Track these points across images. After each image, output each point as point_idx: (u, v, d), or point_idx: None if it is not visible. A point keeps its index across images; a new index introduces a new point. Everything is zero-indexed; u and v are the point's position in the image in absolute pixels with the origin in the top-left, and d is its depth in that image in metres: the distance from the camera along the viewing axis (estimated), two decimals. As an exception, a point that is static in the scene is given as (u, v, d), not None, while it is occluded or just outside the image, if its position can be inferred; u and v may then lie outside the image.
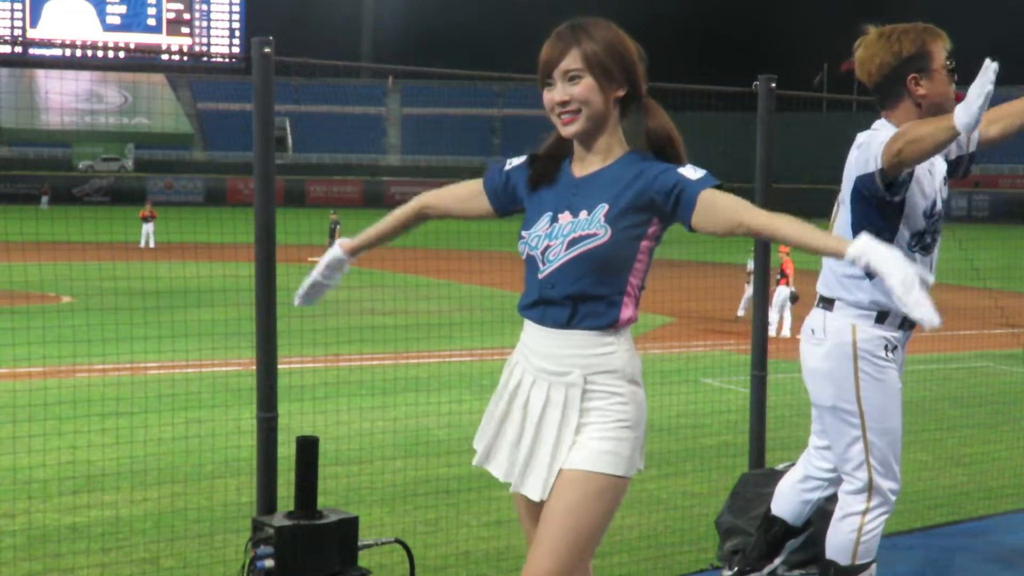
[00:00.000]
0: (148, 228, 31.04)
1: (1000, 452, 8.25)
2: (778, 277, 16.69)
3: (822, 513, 5.24)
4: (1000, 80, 4.14)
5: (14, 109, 65.21)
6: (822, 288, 4.17)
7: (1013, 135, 4.20)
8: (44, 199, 52.60)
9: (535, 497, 2.99)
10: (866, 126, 4.24)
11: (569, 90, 2.93)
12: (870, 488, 4.16)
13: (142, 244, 30.30)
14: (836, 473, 4.44)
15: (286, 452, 4.52)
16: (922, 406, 10.24)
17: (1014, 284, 19.16)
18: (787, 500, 4.57)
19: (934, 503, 6.83)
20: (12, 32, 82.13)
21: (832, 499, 5.16)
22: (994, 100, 3.93)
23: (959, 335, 15.01)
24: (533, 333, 3.04)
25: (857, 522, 4.19)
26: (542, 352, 3.01)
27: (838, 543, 4.23)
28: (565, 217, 2.97)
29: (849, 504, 4.20)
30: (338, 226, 25.07)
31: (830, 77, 74.36)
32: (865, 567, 4.23)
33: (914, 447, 8.50)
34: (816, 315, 4.16)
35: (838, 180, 4.26)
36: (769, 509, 4.65)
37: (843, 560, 4.21)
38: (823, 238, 2.80)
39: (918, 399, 10.62)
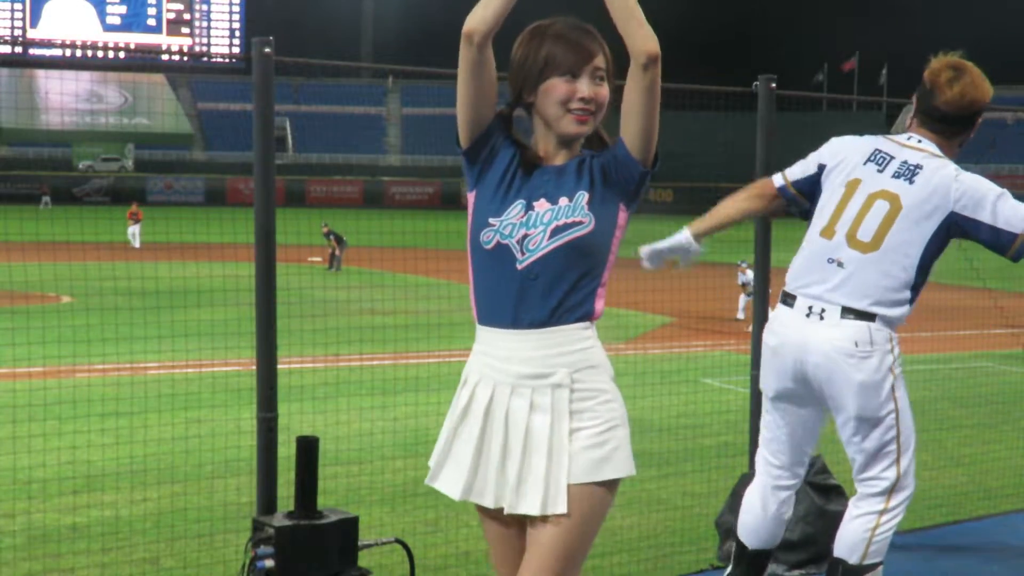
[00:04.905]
0: (134, 229, 31.11)
1: (1000, 452, 8.25)
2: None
3: (820, 513, 5.26)
4: (995, 80, 4.17)
5: (14, 109, 65.14)
6: (856, 301, 4.04)
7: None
8: (45, 199, 52.51)
9: (536, 512, 2.88)
10: (866, 126, 4.33)
11: (595, 89, 2.89)
12: (892, 489, 4.17)
13: (131, 242, 30.26)
14: (798, 480, 4.43)
15: (286, 452, 4.52)
16: (922, 406, 10.24)
17: (1014, 284, 19.14)
18: (767, 532, 4.47)
19: (934, 503, 6.83)
20: (12, 32, 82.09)
21: (831, 500, 5.18)
22: (991, 99, 4.07)
23: (959, 335, 15.02)
24: (504, 340, 2.92)
25: (873, 521, 4.18)
26: (519, 357, 2.90)
27: (850, 541, 4.21)
28: (542, 205, 2.90)
29: (868, 504, 4.19)
30: (332, 235, 24.90)
31: (830, 77, 74.48)
32: (873, 567, 4.22)
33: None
34: (859, 328, 4.04)
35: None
36: (746, 548, 4.50)
37: (853, 559, 4.19)
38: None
39: (918, 399, 10.57)
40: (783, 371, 4.18)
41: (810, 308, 4.10)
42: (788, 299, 4.19)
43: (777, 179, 4.43)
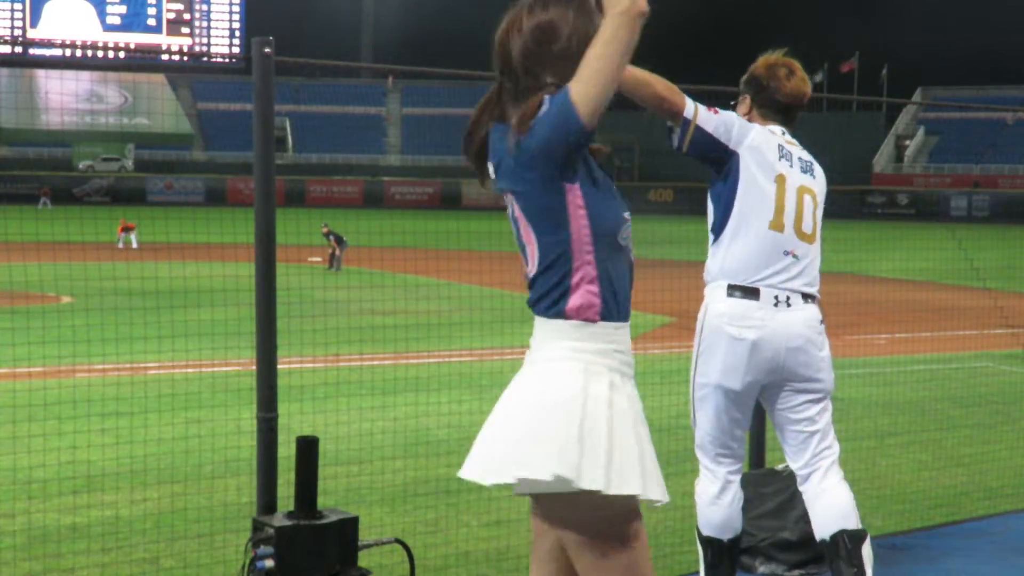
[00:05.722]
0: (127, 234, 31.16)
1: (1000, 452, 8.25)
2: None
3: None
4: (995, 80, 4.25)
5: (14, 109, 65.13)
6: (810, 287, 4.36)
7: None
8: (44, 199, 52.39)
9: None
10: (867, 126, 4.44)
11: None
12: (838, 454, 4.50)
13: (120, 245, 30.28)
14: (742, 460, 4.62)
15: (286, 452, 4.51)
16: (922, 406, 10.24)
17: (1014, 284, 19.13)
18: (736, 520, 4.57)
19: (934, 503, 6.83)
20: (12, 32, 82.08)
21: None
22: (986, 101, 4.21)
23: (959, 335, 15.01)
24: (628, 336, 2.91)
25: (847, 486, 4.44)
26: (629, 349, 2.93)
27: (842, 510, 4.36)
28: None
29: (835, 473, 4.43)
30: (332, 235, 24.97)
31: (830, 77, 74.46)
32: (866, 531, 4.43)
33: (914, 447, 8.51)
34: (816, 309, 4.38)
35: (835, 180, 4.39)
36: (722, 542, 4.57)
37: (853, 524, 4.35)
38: None
39: (918, 399, 10.61)
40: (760, 364, 4.28)
41: (776, 298, 4.26)
42: (749, 292, 4.27)
43: (688, 109, 4.23)
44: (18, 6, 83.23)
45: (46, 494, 6.60)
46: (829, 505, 4.37)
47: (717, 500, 4.52)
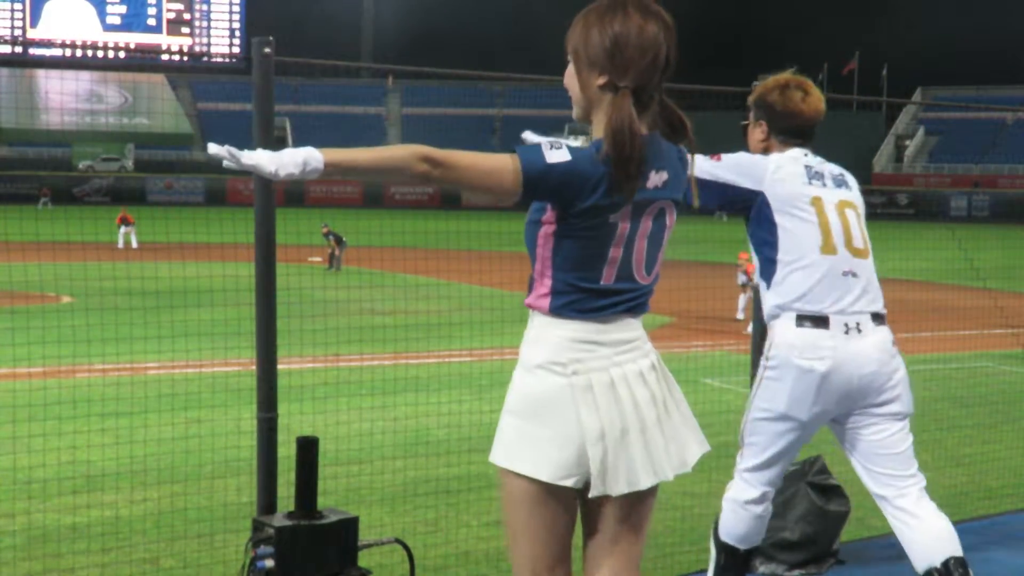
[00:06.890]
0: (127, 229, 31.24)
1: (1000, 452, 8.25)
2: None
3: (821, 513, 5.27)
4: (995, 80, 4.23)
5: (14, 109, 65.13)
6: (876, 305, 4.19)
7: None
8: (44, 200, 52.36)
9: None
10: (866, 126, 4.41)
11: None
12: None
13: (120, 245, 30.37)
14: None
15: (286, 452, 4.51)
16: (922, 406, 10.20)
17: (1014, 284, 19.13)
18: (760, 533, 4.49)
19: (934, 503, 6.83)
20: (12, 32, 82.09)
21: (832, 500, 5.20)
22: (986, 101, 4.12)
23: (959, 335, 15.02)
24: None
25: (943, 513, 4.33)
26: None
27: (949, 535, 4.24)
28: None
29: (929, 500, 4.31)
30: (332, 235, 25.02)
31: (830, 77, 74.47)
32: None
33: (914, 447, 8.50)
34: (887, 329, 4.22)
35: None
36: (737, 550, 4.49)
37: (959, 550, 4.21)
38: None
39: (918, 399, 10.54)
40: (829, 395, 4.10)
41: (846, 325, 4.08)
42: (818, 321, 4.09)
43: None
44: (18, 6, 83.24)
45: (46, 494, 6.60)
46: (931, 531, 4.21)
47: (749, 507, 4.38)
